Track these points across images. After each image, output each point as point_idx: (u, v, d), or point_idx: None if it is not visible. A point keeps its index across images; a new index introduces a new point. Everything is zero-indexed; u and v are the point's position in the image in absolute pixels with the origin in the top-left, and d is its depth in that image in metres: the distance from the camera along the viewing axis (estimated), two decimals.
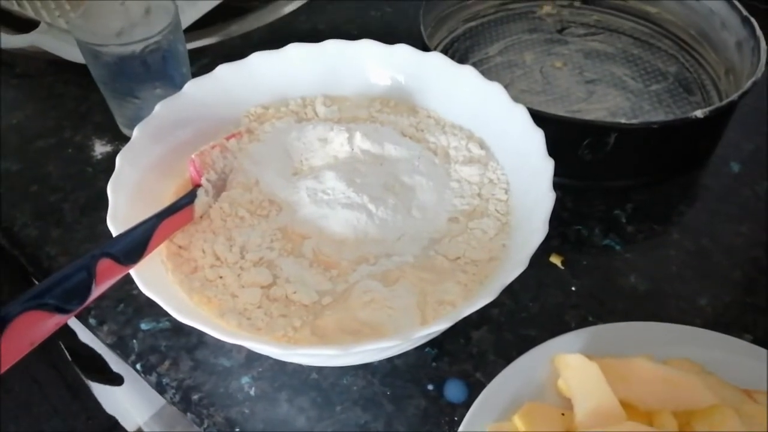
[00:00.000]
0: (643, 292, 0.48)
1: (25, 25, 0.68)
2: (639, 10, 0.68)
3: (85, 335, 0.75)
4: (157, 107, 0.43)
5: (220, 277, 0.39)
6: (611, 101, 0.61)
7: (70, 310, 0.30)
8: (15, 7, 0.68)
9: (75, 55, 0.65)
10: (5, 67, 0.69)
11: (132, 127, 0.58)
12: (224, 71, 0.46)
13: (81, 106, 0.63)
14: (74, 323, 0.74)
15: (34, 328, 0.28)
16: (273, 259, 0.40)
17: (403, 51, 0.48)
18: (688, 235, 0.51)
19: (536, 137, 0.42)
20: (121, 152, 0.40)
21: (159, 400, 1.11)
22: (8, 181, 0.56)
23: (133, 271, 0.34)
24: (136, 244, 0.35)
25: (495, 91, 0.45)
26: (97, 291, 0.31)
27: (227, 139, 0.45)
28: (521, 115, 0.43)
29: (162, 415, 1.11)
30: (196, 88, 0.45)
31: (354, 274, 0.39)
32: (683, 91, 0.62)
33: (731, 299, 0.47)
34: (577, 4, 0.71)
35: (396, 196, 0.42)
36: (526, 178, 0.42)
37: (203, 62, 0.67)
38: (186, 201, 0.40)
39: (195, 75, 0.48)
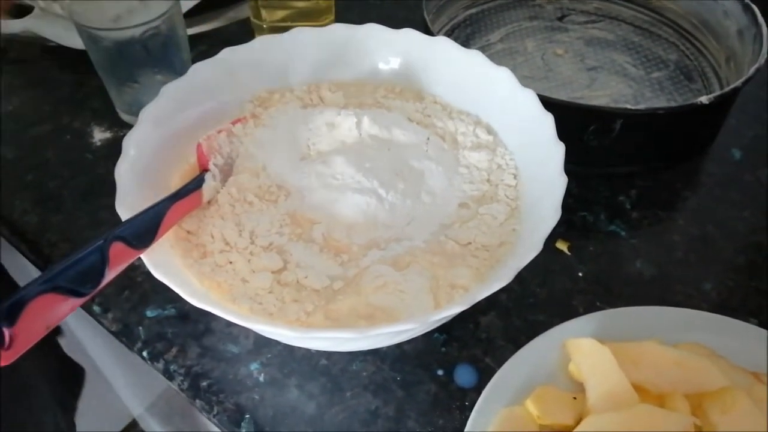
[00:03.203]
0: (649, 277, 0.48)
1: (19, 10, 0.66)
2: None
3: None
4: (162, 91, 0.43)
5: (230, 262, 0.38)
6: (613, 88, 0.61)
7: (84, 294, 0.29)
8: None
9: (70, 41, 0.64)
10: None
11: (131, 113, 0.57)
12: (229, 55, 0.46)
13: (78, 92, 0.62)
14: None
15: (50, 310, 0.27)
16: (283, 244, 0.39)
17: (409, 35, 0.48)
18: (692, 220, 0.52)
19: (546, 121, 0.41)
20: (126, 136, 0.40)
21: (153, 392, 1.11)
22: (6, 169, 0.55)
23: (144, 256, 0.34)
24: (147, 228, 0.34)
25: (503, 75, 0.45)
26: (110, 275, 0.31)
27: (233, 123, 0.45)
28: (530, 99, 0.43)
29: (157, 405, 1.10)
30: (200, 71, 0.45)
31: (365, 258, 0.39)
32: (684, 79, 0.62)
33: (736, 284, 0.47)
34: None
35: (405, 181, 0.42)
36: (535, 162, 0.42)
37: (201, 48, 0.66)
38: (194, 185, 0.40)
39: (194, 61, 0.47)
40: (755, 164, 0.56)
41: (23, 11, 0.65)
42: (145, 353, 0.44)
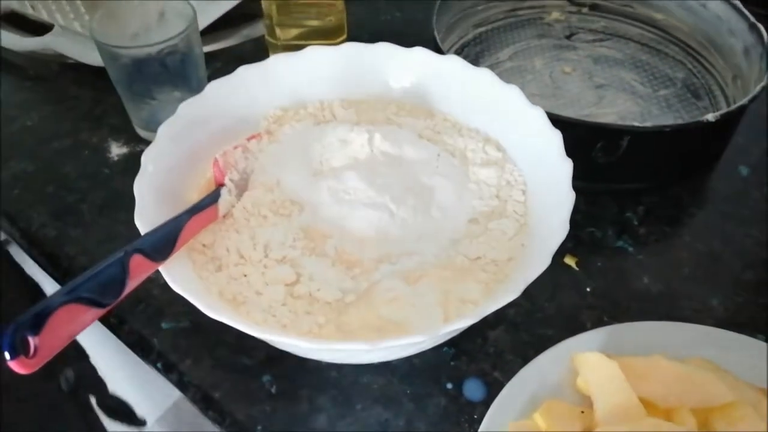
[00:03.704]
0: (657, 293, 0.48)
1: (39, 28, 0.68)
2: (646, 17, 0.69)
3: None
4: (180, 108, 0.44)
5: (245, 275, 0.39)
6: (621, 106, 0.62)
7: (105, 304, 0.30)
8: (29, 10, 0.69)
9: (89, 58, 0.65)
10: (18, 70, 0.69)
11: (148, 129, 0.59)
12: (244, 73, 0.47)
13: (96, 108, 0.64)
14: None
15: (73, 320, 0.28)
16: (296, 258, 0.40)
17: (420, 54, 0.49)
18: (699, 237, 0.52)
19: (554, 139, 0.42)
20: (145, 152, 0.41)
21: (162, 406, 1.11)
22: (25, 182, 0.57)
23: (162, 268, 0.35)
24: (165, 241, 0.35)
25: (512, 93, 0.45)
26: (130, 286, 0.32)
27: (248, 140, 0.46)
28: (539, 117, 0.44)
29: (166, 419, 1.11)
30: (217, 89, 0.46)
31: (376, 272, 0.40)
32: (691, 97, 0.63)
33: (743, 300, 0.48)
34: (584, 10, 0.72)
35: (416, 197, 0.43)
36: (543, 179, 0.43)
37: (217, 66, 0.67)
38: (210, 200, 0.41)
39: (210, 78, 0.48)
40: (762, 181, 0.57)
41: (43, 29, 0.67)
42: (159, 365, 0.44)
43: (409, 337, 0.33)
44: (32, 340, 0.26)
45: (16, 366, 0.26)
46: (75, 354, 0.65)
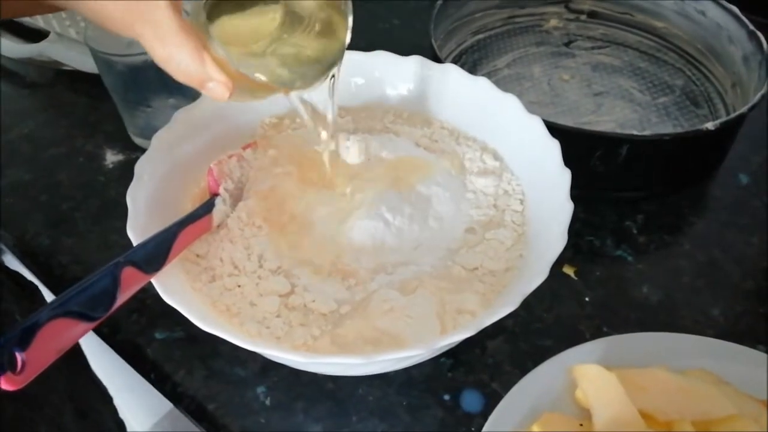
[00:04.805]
0: (656, 303, 0.48)
1: (35, 34, 0.68)
2: (645, 25, 0.69)
3: None
4: (175, 116, 0.44)
5: (239, 286, 0.39)
6: (619, 113, 0.62)
7: (95, 318, 0.30)
8: (25, 17, 0.69)
9: (85, 65, 0.65)
10: (15, 77, 0.69)
11: (143, 136, 0.58)
12: None
13: (91, 116, 0.64)
14: None
15: (62, 335, 0.28)
16: (290, 268, 0.40)
17: (417, 62, 0.48)
18: (699, 245, 0.52)
19: (552, 148, 0.42)
20: (139, 161, 0.40)
21: (156, 415, 1.11)
22: (19, 190, 0.56)
23: (155, 280, 0.34)
24: (157, 253, 0.35)
25: (510, 102, 0.45)
26: (121, 299, 0.31)
27: (243, 148, 0.46)
28: (537, 126, 0.43)
29: (161, 426, 1.10)
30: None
31: (372, 283, 0.39)
32: (690, 104, 0.63)
33: (744, 309, 0.47)
34: (583, 18, 0.72)
35: (412, 206, 0.43)
36: (541, 188, 0.43)
37: None
38: (204, 210, 0.40)
39: None
40: (762, 189, 0.56)
41: (39, 36, 0.67)
42: (152, 375, 0.44)
43: (404, 350, 0.32)
44: (19, 356, 0.26)
45: (2, 382, 0.25)
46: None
